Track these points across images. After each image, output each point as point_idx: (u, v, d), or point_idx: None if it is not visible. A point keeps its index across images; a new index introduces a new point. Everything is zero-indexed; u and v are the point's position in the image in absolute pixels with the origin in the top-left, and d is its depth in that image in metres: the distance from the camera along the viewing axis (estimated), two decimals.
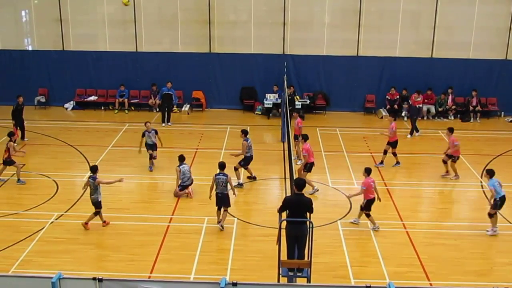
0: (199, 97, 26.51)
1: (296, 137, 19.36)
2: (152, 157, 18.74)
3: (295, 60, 25.89)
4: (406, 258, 13.60)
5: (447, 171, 18.36)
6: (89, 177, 14.70)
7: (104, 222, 14.80)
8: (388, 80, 25.88)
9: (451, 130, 18.34)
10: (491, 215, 14.70)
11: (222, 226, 14.74)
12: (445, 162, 18.35)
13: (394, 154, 19.33)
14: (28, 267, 12.81)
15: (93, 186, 14.45)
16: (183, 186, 16.75)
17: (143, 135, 18.67)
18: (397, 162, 19.35)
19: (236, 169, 17.44)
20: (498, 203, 14.55)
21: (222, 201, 14.83)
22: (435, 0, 25.24)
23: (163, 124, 23.81)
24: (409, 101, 23.55)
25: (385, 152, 19.40)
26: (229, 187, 14.89)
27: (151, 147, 18.75)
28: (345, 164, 19.57)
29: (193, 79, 26.33)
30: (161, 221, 15.19)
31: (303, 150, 16.97)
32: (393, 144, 19.30)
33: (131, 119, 25.00)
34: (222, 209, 14.86)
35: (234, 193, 15.16)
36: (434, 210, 16.37)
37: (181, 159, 16.87)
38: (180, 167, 16.76)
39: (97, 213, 14.64)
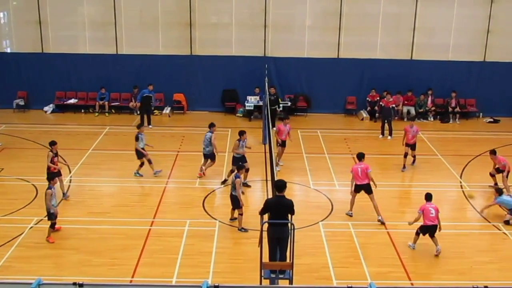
0: (180, 100, 26.44)
1: (283, 144, 19.23)
2: (151, 161, 18.44)
3: (276, 62, 25.94)
4: (387, 258, 13.70)
5: (496, 183, 17.81)
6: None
7: (50, 237, 14.16)
8: (368, 82, 26.06)
9: (494, 153, 17.79)
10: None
11: (241, 229, 14.83)
12: (492, 175, 17.92)
13: (414, 156, 19.67)
14: (7, 273, 12.65)
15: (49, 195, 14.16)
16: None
17: (137, 139, 18.39)
18: (414, 161, 19.76)
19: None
20: None
21: (232, 202, 14.99)
22: (415, 2, 25.50)
23: (150, 126, 23.68)
24: (381, 103, 23.72)
25: (406, 155, 19.56)
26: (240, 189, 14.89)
27: (143, 148, 18.55)
28: (327, 165, 19.65)
29: (174, 81, 26.26)
30: (143, 225, 15.12)
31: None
32: (413, 146, 19.55)
33: (111, 122, 24.85)
34: (236, 211, 15.05)
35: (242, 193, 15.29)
36: (414, 211, 16.33)
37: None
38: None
39: (54, 224, 14.22)
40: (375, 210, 15.48)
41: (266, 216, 11.43)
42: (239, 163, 16.39)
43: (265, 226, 11.30)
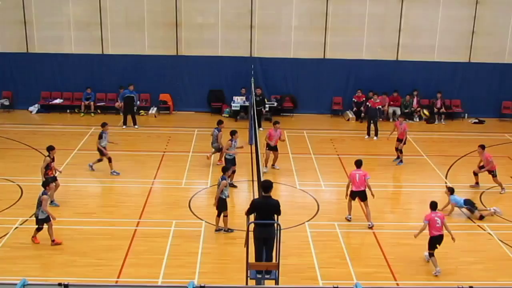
0: (167, 100, 26.38)
1: (274, 149, 19.09)
2: (111, 160, 18.54)
3: (262, 62, 25.96)
4: (373, 258, 13.76)
5: (477, 182, 18.09)
6: (41, 192, 13.88)
7: (35, 237, 13.94)
8: (354, 82, 26.16)
9: (483, 147, 17.89)
10: None
11: (225, 230, 14.75)
12: (475, 174, 18.08)
13: (401, 151, 20.02)
14: None
15: (38, 201, 13.71)
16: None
17: (100, 137, 18.52)
18: (401, 161, 20.14)
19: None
20: None
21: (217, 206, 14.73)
22: (400, 3, 25.65)
23: (124, 127, 23.64)
24: (368, 103, 23.84)
25: (398, 150, 20.07)
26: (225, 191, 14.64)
27: (105, 149, 18.60)
28: (313, 166, 19.70)
29: (161, 81, 26.19)
30: (128, 225, 15.07)
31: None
32: (403, 140, 19.95)
33: (97, 122, 24.55)
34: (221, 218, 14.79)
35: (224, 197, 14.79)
36: (400, 211, 16.61)
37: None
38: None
39: (41, 228, 13.84)
40: (366, 217, 15.41)
41: (252, 217, 11.44)
42: (230, 165, 16.28)
43: (252, 226, 11.31)
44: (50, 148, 16.43)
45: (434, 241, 13.20)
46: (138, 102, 24.74)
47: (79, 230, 14.64)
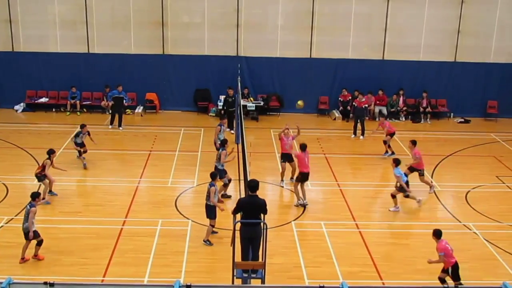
0: (153, 99, 26.32)
1: (289, 158, 17.90)
2: (81, 154, 18.98)
3: (249, 61, 26.00)
4: (359, 258, 13.83)
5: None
6: (29, 204, 13.18)
7: (38, 255, 13.21)
8: (340, 82, 26.26)
9: (414, 143, 17.71)
10: (394, 196, 16.21)
11: (206, 241, 14.25)
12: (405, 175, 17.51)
13: (389, 146, 20.63)
14: None
15: (27, 213, 13.03)
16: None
17: (77, 135, 19.08)
18: (386, 152, 20.66)
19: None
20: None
21: (206, 212, 14.34)
22: (386, 2, 25.79)
23: (110, 126, 23.56)
24: (354, 103, 23.96)
25: (385, 142, 20.68)
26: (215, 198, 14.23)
27: (80, 145, 19.06)
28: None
29: (147, 80, 26.14)
30: (114, 224, 15.04)
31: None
32: (391, 134, 20.56)
33: (83, 121, 24.44)
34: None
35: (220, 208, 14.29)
36: (386, 210, 16.67)
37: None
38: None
39: (41, 241, 13.18)
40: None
41: (238, 216, 11.46)
42: (214, 172, 15.13)
43: (238, 225, 11.33)
44: (51, 152, 16.56)
45: (457, 269, 12.12)
46: (128, 101, 24.66)
47: (65, 229, 14.58)
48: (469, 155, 21.45)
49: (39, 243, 13.12)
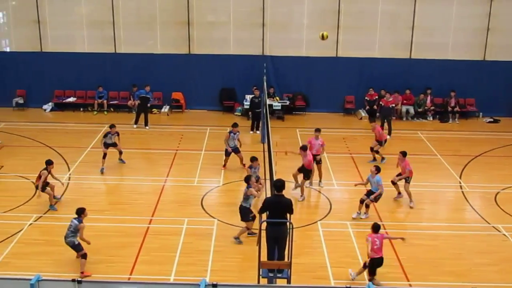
0: (179, 98, 26.48)
1: (316, 160, 17.88)
2: (105, 156, 18.70)
3: (274, 61, 25.97)
4: (385, 258, 13.58)
5: (399, 192, 17.04)
6: (74, 219, 12.94)
7: (83, 272, 12.77)
8: (367, 81, 26.07)
9: (404, 154, 16.79)
10: (367, 205, 15.66)
11: (236, 238, 14.33)
12: (394, 183, 16.92)
13: (377, 152, 19.98)
14: (6, 269, 12.72)
15: (74, 228, 12.84)
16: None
17: (106, 136, 18.95)
18: (374, 159, 19.96)
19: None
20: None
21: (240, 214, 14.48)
22: (413, 1, 25.54)
23: (135, 126, 23.75)
24: (381, 102, 23.80)
25: (372, 149, 20.10)
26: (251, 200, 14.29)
27: (110, 145, 18.92)
28: (325, 165, 19.63)
29: (173, 80, 26.29)
30: (141, 223, 15.18)
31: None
32: (381, 142, 19.99)
33: (110, 120, 24.79)
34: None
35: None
36: (412, 211, 16.54)
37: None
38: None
39: (85, 254, 12.87)
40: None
41: (264, 215, 11.48)
42: (248, 176, 15.02)
43: (264, 225, 11.35)
44: (49, 163, 16.07)
45: (376, 265, 12.51)
46: (153, 101, 24.83)
47: (92, 227, 14.70)
48: (498, 155, 21.13)
49: (84, 257, 12.82)
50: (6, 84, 26.15)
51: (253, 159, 16.73)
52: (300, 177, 17.08)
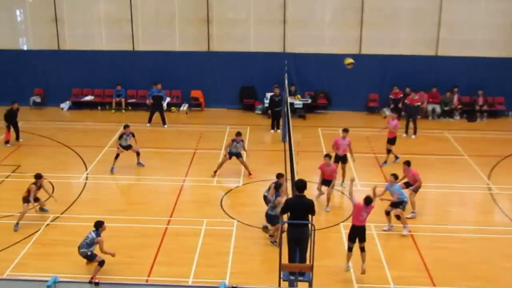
0: (198, 97, 26.52)
1: (342, 160, 17.73)
2: (118, 157, 18.64)
3: (295, 58, 25.87)
4: (410, 262, 13.58)
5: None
6: (93, 231, 12.82)
7: (95, 277, 12.42)
8: (391, 78, 25.86)
9: (408, 164, 16.09)
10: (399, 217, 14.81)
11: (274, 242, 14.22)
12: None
13: (388, 151, 19.64)
14: (24, 269, 12.81)
15: (90, 241, 12.72)
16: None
17: (120, 137, 18.78)
18: (385, 162, 19.66)
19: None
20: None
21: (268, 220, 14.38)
22: None
23: (148, 125, 23.80)
24: (406, 101, 23.58)
25: (389, 151, 19.59)
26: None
27: (125, 147, 18.81)
28: (348, 165, 19.49)
29: (192, 78, 26.33)
30: (159, 223, 15.19)
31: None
32: (392, 140, 19.53)
33: (128, 119, 24.91)
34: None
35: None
36: (439, 213, 16.35)
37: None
38: None
39: (101, 262, 12.69)
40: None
41: (285, 216, 11.40)
42: (278, 183, 14.66)
43: (285, 226, 11.27)
44: (38, 176, 15.39)
45: (352, 232, 12.98)
46: (167, 100, 24.85)
47: (110, 227, 14.68)
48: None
49: (101, 264, 12.66)
50: (23, 82, 26.40)
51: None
52: (325, 188, 16.58)
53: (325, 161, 16.32)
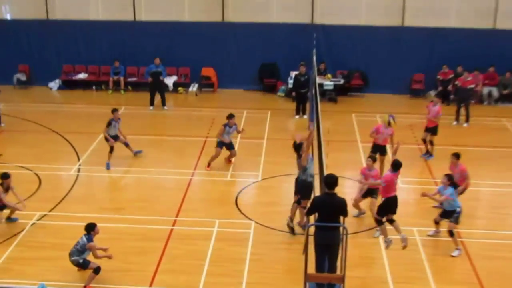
0: (210, 75, 26.56)
1: (382, 150, 17.72)
2: (112, 150, 18.48)
3: (326, 31, 25.86)
4: (460, 273, 13.50)
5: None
6: (84, 235, 12.76)
7: (85, 287, 12.57)
8: (440, 56, 25.75)
9: (457, 156, 15.60)
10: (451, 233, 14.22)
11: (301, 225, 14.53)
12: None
13: (431, 142, 19.47)
14: (6, 276, 12.89)
15: (81, 247, 12.65)
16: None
17: (109, 124, 18.50)
18: (430, 154, 19.55)
19: None
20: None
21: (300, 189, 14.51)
22: None
23: (151, 108, 23.94)
24: (457, 82, 23.40)
25: (431, 142, 19.53)
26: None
27: (115, 138, 18.65)
28: (387, 157, 19.40)
29: (203, 53, 26.40)
30: (163, 224, 15.26)
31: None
32: (433, 130, 19.36)
33: (128, 101, 25.11)
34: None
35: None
36: (495, 216, 16.23)
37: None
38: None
39: (96, 269, 12.60)
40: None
41: (312, 218, 11.40)
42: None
43: (312, 229, 11.26)
44: (5, 177, 14.87)
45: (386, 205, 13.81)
46: (173, 79, 24.92)
47: (105, 228, 14.77)
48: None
49: (97, 271, 12.59)
50: (6, 57, 26.68)
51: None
52: (367, 201, 15.39)
53: (367, 163, 15.56)
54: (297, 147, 14.50)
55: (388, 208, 13.90)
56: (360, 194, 15.38)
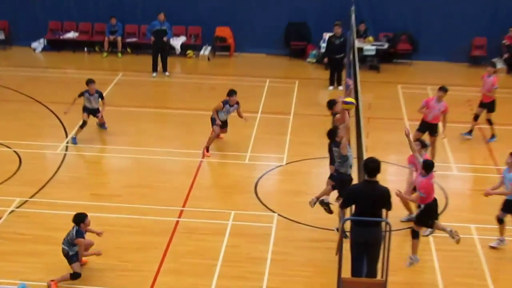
0: (226, 36, 26.54)
1: (432, 129, 17.62)
2: (84, 125, 18.51)
3: None
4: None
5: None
6: (73, 228, 12.64)
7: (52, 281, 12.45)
8: (506, 17, 25.66)
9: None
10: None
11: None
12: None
13: (489, 121, 19.31)
14: None
15: (71, 239, 12.61)
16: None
17: (81, 95, 18.57)
18: (493, 136, 19.38)
19: None
20: None
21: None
22: None
23: (154, 74, 24.04)
24: None
25: (476, 117, 19.36)
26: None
27: (90, 112, 18.66)
28: (440, 140, 19.27)
29: (217, 10, 26.45)
30: (167, 215, 15.29)
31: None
32: (489, 106, 19.12)
33: (126, 66, 25.12)
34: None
35: None
36: None
37: None
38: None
39: (75, 275, 12.54)
40: None
41: (349, 211, 11.32)
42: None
43: (347, 224, 11.18)
44: None
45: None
46: (180, 41, 24.89)
47: (97, 219, 14.83)
48: None
49: (73, 276, 12.51)
50: None
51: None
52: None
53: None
54: (331, 133, 14.20)
55: (430, 215, 13.51)
56: (410, 188, 14.64)
